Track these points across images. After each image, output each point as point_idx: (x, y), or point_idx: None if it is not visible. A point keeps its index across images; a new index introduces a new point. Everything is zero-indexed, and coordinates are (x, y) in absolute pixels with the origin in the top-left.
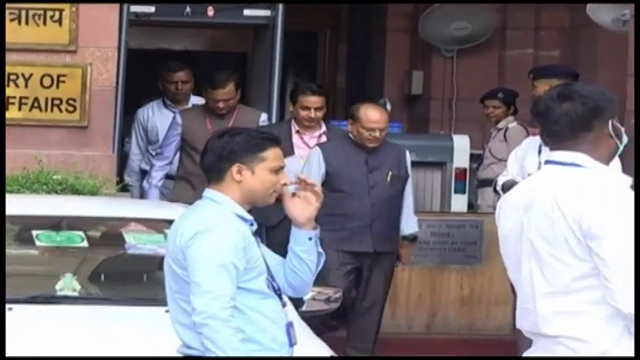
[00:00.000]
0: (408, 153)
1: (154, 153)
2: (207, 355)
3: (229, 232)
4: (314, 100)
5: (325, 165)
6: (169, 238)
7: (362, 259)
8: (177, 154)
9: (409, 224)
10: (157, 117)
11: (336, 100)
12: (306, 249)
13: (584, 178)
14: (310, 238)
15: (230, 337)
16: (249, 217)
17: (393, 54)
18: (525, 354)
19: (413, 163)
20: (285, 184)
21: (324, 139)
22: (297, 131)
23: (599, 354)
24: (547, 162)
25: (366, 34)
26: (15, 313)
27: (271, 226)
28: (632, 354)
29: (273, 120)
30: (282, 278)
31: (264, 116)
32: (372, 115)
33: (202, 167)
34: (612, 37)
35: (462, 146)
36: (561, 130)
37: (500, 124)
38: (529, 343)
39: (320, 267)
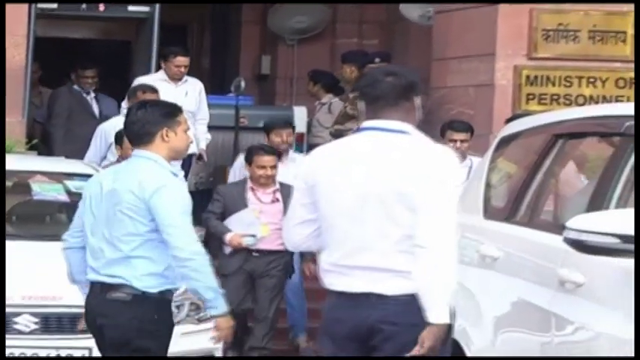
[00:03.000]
0: None
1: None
2: (182, 284)
3: (183, 187)
4: (268, 160)
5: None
6: (120, 190)
7: None
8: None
9: None
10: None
11: (201, 80)
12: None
13: (412, 145)
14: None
15: (211, 270)
16: (177, 171)
17: (247, 42)
18: (339, 284)
19: (262, 129)
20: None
21: (278, 195)
22: (251, 188)
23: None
24: (367, 128)
25: (225, 25)
26: None
27: (227, 274)
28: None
29: None
30: None
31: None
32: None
33: (130, 134)
34: (419, 29)
35: (300, 115)
36: (386, 98)
37: (324, 100)
38: None
39: None
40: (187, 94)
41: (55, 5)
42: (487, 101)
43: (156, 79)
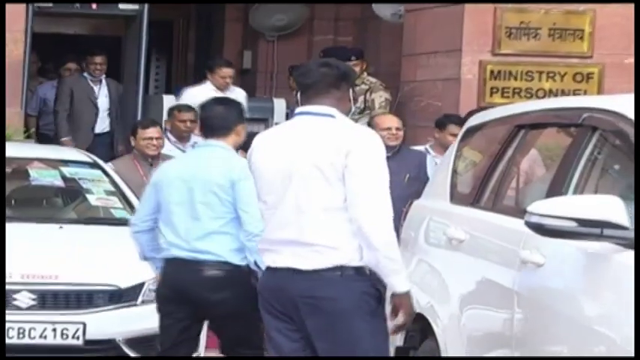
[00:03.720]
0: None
1: None
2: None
3: None
4: None
5: None
6: (208, 174)
7: None
8: None
9: None
10: None
11: (187, 73)
12: None
13: (336, 125)
14: None
15: None
16: None
17: (230, 38)
18: (269, 260)
19: (248, 121)
20: None
21: None
22: None
23: (344, 262)
24: (299, 113)
25: (209, 23)
26: None
27: None
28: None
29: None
30: None
31: None
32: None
33: (210, 125)
34: (391, 27)
35: (279, 107)
36: (317, 86)
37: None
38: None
39: None
40: None
41: (50, 4)
42: (454, 94)
43: (206, 89)
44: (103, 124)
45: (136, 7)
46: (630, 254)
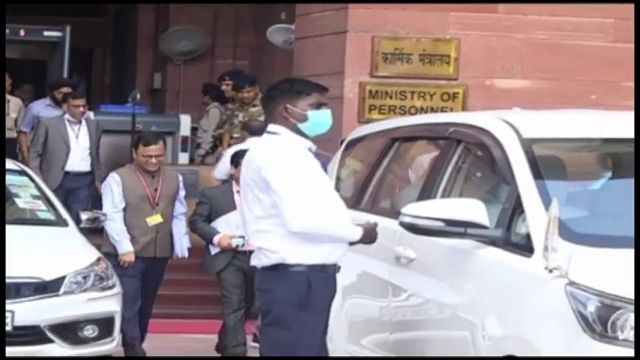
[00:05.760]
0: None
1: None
2: None
3: None
4: None
5: None
6: None
7: None
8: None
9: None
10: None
11: (104, 93)
12: None
13: (271, 141)
14: None
15: None
16: None
17: (142, 62)
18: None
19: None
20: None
21: None
22: (238, 191)
23: (279, 260)
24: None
25: (124, 49)
26: None
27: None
28: (307, 261)
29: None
30: None
31: (180, 177)
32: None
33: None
34: (283, 52)
35: (185, 122)
36: (265, 108)
37: (209, 108)
38: None
39: None
40: None
41: None
42: (337, 111)
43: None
44: (84, 164)
45: (59, 33)
46: (490, 250)
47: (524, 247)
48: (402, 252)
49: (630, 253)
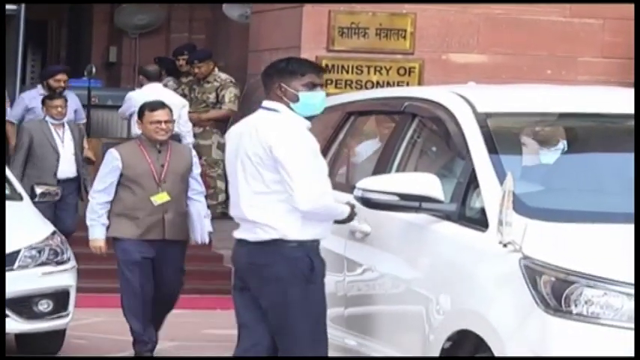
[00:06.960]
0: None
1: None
2: None
3: None
4: None
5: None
6: None
7: None
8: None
9: None
10: None
11: None
12: None
13: (275, 119)
14: None
15: None
16: None
17: (97, 35)
18: (234, 233)
19: (113, 107)
20: None
21: None
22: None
23: (279, 236)
24: (260, 107)
25: (79, 22)
26: None
27: None
28: (305, 237)
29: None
30: None
31: (193, 152)
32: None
33: None
34: (239, 26)
35: None
36: (264, 85)
37: (164, 81)
38: None
39: None
40: None
41: None
42: None
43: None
44: (72, 170)
45: (14, 7)
46: (445, 224)
47: (479, 222)
48: (357, 226)
49: (584, 227)
